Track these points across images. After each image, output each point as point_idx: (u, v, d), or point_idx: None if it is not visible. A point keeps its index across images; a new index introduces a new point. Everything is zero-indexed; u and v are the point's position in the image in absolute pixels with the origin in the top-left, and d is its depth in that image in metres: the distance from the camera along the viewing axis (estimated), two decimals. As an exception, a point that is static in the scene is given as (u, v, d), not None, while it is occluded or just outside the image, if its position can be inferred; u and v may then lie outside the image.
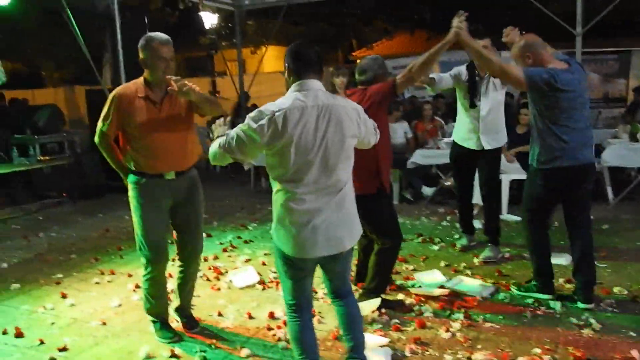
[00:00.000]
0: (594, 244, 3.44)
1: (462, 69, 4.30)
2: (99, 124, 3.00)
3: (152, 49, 2.89)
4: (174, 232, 3.20)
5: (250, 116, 2.29)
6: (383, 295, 3.43)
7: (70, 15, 6.58)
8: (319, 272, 2.54)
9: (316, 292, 3.77)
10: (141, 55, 2.94)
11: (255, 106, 9.81)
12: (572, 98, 3.18)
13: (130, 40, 7.63)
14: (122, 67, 6.99)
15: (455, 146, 4.50)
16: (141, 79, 2.99)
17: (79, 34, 6.68)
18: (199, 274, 4.21)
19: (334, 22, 12.59)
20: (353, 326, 2.54)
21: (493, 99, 4.22)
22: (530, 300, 3.47)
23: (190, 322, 3.31)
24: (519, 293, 3.59)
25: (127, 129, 2.96)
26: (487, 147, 4.25)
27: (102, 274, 4.41)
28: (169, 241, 3.14)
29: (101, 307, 3.70)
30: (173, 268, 3.52)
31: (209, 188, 8.28)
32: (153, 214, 3.01)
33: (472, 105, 4.22)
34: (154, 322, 3.21)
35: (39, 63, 18.53)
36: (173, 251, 3.26)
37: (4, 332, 3.32)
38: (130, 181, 3.05)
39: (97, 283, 4.20)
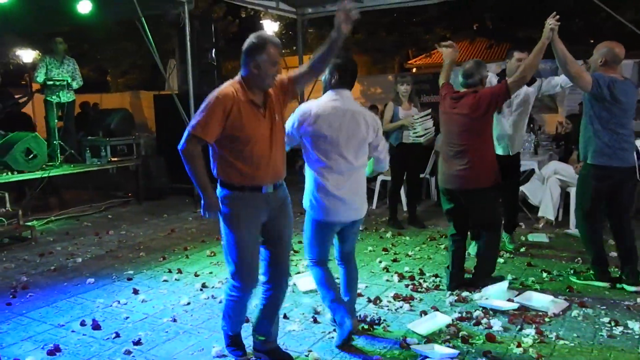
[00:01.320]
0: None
1: (493, 78, 4.54)
2: (191, 129, 2.59)
3: (268, 52, 2.60)
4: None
5: (296, 114, 3.02)
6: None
7: (145, 24, 6.86)
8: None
9: (381, 300, 3.77)
10: (251, 57, 2.62)
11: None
12: (623, 107, 3.66)
13: (198, 48, 7.97)
14: (190, 73, 7.23)
15: None
16: (237, 82, 2.67)
17: (152, 42, 6.95)
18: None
19: (394, 30, 12.56)
20: (351, 286, 3.27)
21: (518, 105, 4.64)
22: (606, 319, 3.33)
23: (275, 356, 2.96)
24: (579, 282, 3.96)
25: (230, 135, 2.61)
26: (513, 152, 4.69)
27: (170, 272, 4.56)
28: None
29: (171, 304, 3.82)
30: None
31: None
32: (251, 234, 2.72)
33: (499, 110, 4.44)
34: (226, 336, 2.98)
35: (107, 69, 19.44)
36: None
37: (82, 324, 3.49)
38: (222, 196, 2.71)
39: (165, 281, 4.34)
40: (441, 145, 4.07)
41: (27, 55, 16.75)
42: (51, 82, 7.10)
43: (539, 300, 3.61)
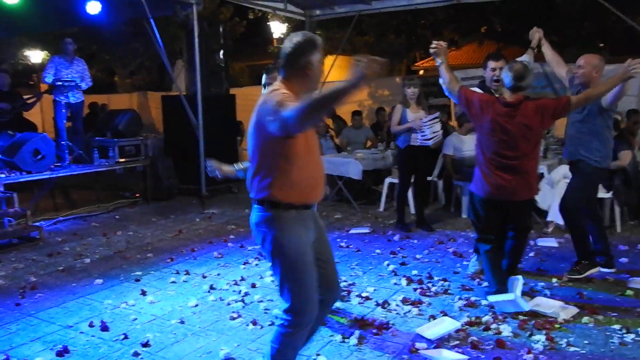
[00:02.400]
0: None
1: (476, 89, 4.34)
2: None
3: (320, 51, 2.37)
4: None
5: None
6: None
7: (154, 25, 6.88)
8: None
9: (389, 304, 3.75)
10: (304, 56, 2.35)
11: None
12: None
13: (206, 49, 7.98)
14: (199, 74, 7.24)
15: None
16: (278, 87, 2.34)
17: (160, 43, 6.97)
18: (271, 278, 4.31)
19: (402, 33, 12.55)
20: None
21: None
22: (617, 326, 3.30)
23: None
24: (577, 276, 4.11)
25: (293, 145, 2.30)
26: None
27: (178, 273, 4.56)
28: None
29: (179, 306, 3.82)
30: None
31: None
32: (310, 259, 2.40)
33: None
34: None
35: (115, 70, 19.52)
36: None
37: (91, 325, 3.49)
38: (275, 217, 2.35)
39: (173, 282, 4.34)
40: (478, 155, 3.78)
41: (35, 55, 16.86)
42: (60, 83, 7.13)
43: (549, 305, 3.59)
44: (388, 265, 4.64)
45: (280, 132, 2.19)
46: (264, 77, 4.28)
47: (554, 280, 4.15)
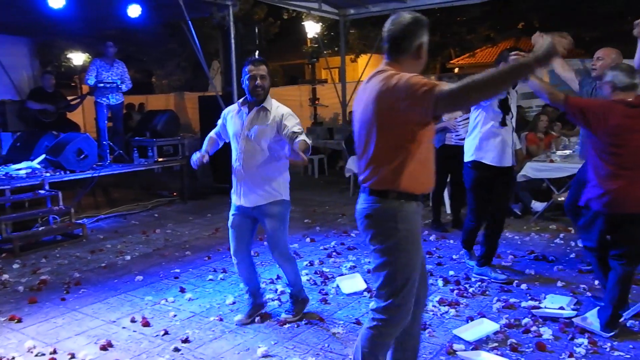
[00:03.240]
0: None
1: None
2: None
3: (427, 33, 2.25)
4: None
5: None
6: None
7: (191, 26, 7.01)
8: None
9: (425, 305, 3.72)
10: (417, 37, 2.21)
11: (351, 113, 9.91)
12: None
13: (242, 50, 8.07)
14: (235, 75, 7.33)
15: (481, 169, 4.17)
16: (394, 70, 2.19)
17: (197, 44, 7.09)
18: (307, 277, 4.35)
19: (437, 30, 12.41)
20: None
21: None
22: (664, 331, 3.20)
23: None
24: None
25: (427, 129, 2.20)
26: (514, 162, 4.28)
27: (215, 271, 4.63)
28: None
29: (217, 303, 3.89)
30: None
31: (308, 193, 8.51)
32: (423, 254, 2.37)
33: (504, 123, 4.08)
34: None
35: (152, 71, 19.95)
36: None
37: (133, 320, 3.59)
38: (398, 209, 2.20)
39: (211, 280, 4.42)
40: (602, 169, 3.23)
41: (77, 58, 17.36)
42: (101, 85, 7.34)
43: (595, 318, 3.40)
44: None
45: (430, 112, 2.03)
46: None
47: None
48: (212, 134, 3.58)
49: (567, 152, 6.31)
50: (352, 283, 4.14)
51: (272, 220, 3.34)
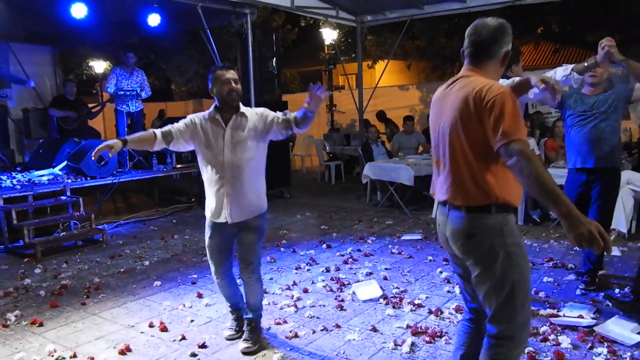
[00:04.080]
0: None
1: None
2: (522, 133, 1.94)
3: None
4: None
5: None
6: None
7: (210, 34, 7.09)
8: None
9: (442, 312, 3.70)
10: (505, 43, 2.15)
11: (367, 121, 9.90)
12: None
13: (259, 57, 8.14)
14: (252, 81, 7.40)
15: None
16: (488, 78, 2.11)
17: (216, 52, 7.17)
18: (323, 283, 4.36)
19: (454, 36, 12.36)
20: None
21: None
22: (686, 341, 3.14)
23: None
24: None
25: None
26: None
27: (232, 277, 4.66)
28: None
29: (234, 309, 3.92)
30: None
31: (325, 199, 8.52)
32: None
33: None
34: None
35: (171, 78, 20.19)
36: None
37: (151, 325, 3.63)
38: (503, 223, 2.05)
39: (227, 286, 4.45)
40: None
41: (99, 66, 17.65)
42: (121, 92, 7.46)
43: (616, 326, 3.36)
44: (441, 272, 4.58)
45: (499, 151, 1.94)
46: None
47: (617, 290, 3.99)
48: (158, 131, 3.12)
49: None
50: (369, 289, 4.14)
51: (252, 234, 3.14)
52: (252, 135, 3.09)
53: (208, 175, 3.12)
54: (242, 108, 3.10)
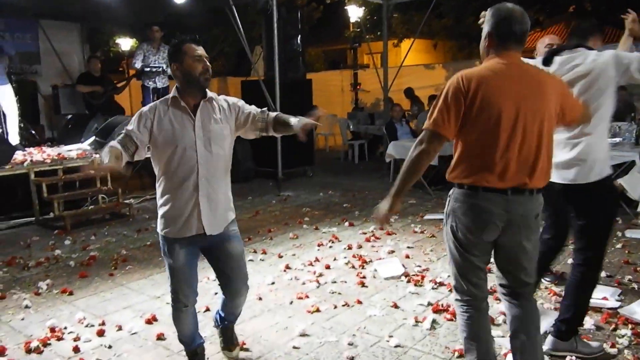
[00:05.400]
0: None
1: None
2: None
3: None
4: None
5: None
6: None
7: (235, 12, 7.08)
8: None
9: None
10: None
11: (390, 99, 9.81)
12: None
13: (284, 35, 8.11)
14: (277, 60, 7.38)
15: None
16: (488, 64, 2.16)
17: (241, 30, 7.16)
18: (345, 260, 4.40)
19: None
20: None
21: None
22: None
23: None
24: None
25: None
26: None
27: (255, 252, 4.73)
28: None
29: (257, 283, 3.97)
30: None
31: (348, 178, 8.53)
32: None
33: None
34: None
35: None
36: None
37: (176, 297, 3.71)
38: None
39: (250, 260, 4.51)
40: None
41: (125, 43, 17.79)
42: (148, 69, 7.53)
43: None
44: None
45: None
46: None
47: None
48: (117, 145, 2.40)
49: (617, 139, 6.09)
50: (390, 267, 4.16)
51: (237, 243, 2.68)
52: (226, 127, 2.55)
53: (171, 178, 2.47)
54: (209, 93, 2.54)
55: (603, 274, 3.94)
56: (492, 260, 2.32)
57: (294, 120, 2.56)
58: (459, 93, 2.09)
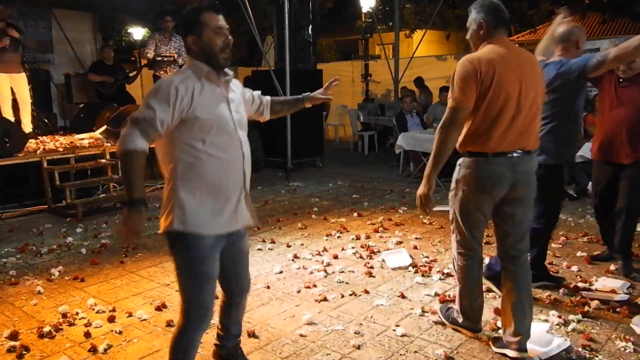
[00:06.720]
0: None
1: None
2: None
3: None
4: None
5: None
6: None
7: (247, 1, 7.07)
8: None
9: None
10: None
11: (405, 88, 9.76)
12: None
13: (295, 25, 8.10)
14: (288, 50, 7.37)
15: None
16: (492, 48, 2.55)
17: (252, 20, 7.16)
18: (354, 250, 4.42)
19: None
20: None
21: None
22: None
23: None
24: None
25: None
26: None
27: (264, 241, 4.77)
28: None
29: (265, 272, 4.02)
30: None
31: (357, 169, 8.53)
32: None
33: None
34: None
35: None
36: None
37: (185, 284, 3.75)
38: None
39: (259, 249, 4.55)
40: None
41: (137, 32, 17.85)
42: (159, 58, 7.55)
43: None
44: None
45: None
46: None
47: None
48: (140, 148, 2.10)
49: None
50: (398, 258, 4.18)
51: (247, 238, 2.43)
52: (245, 112, 2.32)
53: (214, 162, 2.10)
54: (228, 71, 2.19)
55: (612, 267, 3.94)
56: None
57: (299, 96, 2.72)
58: (474, 74, 2.46)
